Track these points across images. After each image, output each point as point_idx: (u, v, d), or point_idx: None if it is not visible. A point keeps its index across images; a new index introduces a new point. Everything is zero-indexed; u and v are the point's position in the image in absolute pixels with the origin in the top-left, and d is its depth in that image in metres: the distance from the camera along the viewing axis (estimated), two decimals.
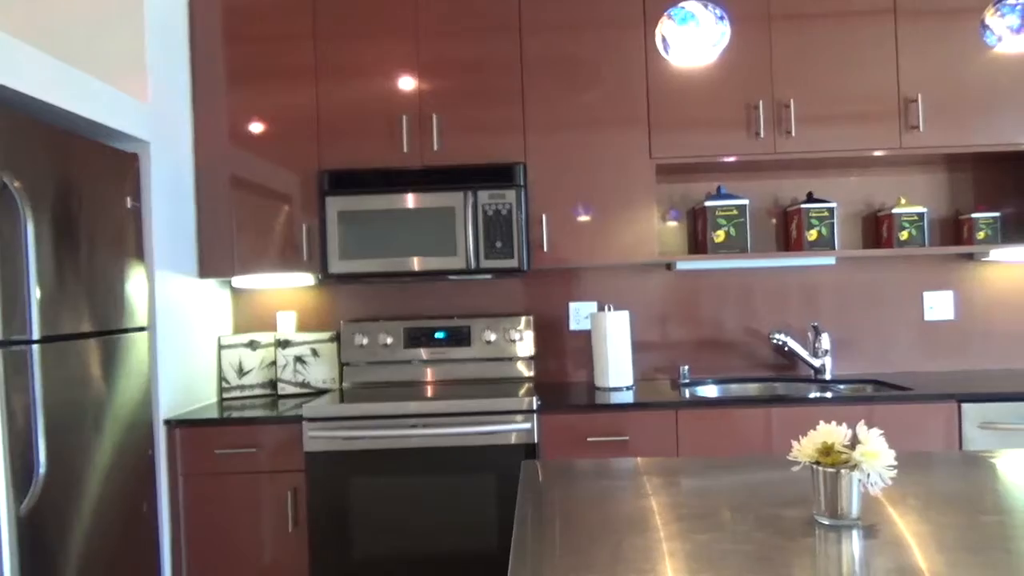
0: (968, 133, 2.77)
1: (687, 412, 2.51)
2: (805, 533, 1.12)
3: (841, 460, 1.10)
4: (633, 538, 1.14)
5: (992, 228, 2.92)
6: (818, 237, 2.92)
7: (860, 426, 1.13)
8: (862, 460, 1.09)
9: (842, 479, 1.11)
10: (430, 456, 2.48)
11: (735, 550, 1.07)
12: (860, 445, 1.10)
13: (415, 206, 2.74)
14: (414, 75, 2.82)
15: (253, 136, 2.84)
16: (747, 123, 2.79)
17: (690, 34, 1.37)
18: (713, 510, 1.26)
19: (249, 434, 2.52)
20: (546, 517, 1.26)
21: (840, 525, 1.14)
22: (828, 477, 1.12)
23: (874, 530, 1.13)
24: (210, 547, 2.52)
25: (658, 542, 1.12)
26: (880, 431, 1.13)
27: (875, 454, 1.09)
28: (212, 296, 2.97)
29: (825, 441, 1.12)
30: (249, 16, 2.84)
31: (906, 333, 3.09)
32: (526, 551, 1.10)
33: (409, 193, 2.74)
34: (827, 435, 1.13)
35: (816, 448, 1.12)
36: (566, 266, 2.84)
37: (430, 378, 3.04)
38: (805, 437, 1.16)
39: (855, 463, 1.09)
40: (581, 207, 2.81)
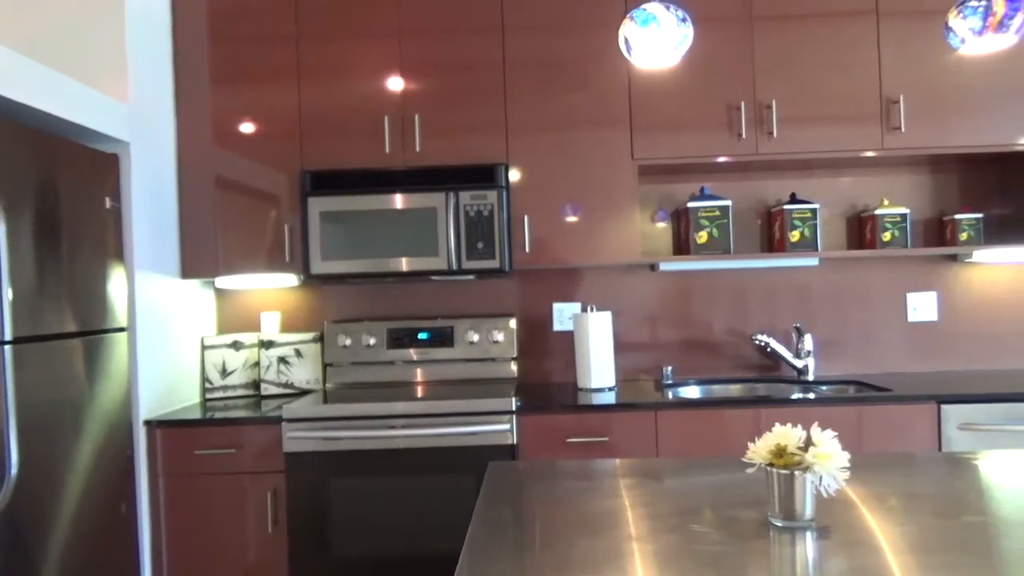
0: (950, 134, 2.77)
1: (666, 413, 2.51)
2: (759, 535, 1.12)
3: (794, 462, 1.10)
4: (588, 539, 1.14)
5: (975, 229, 2.93)
6: (801, 238, 2.92)
7: (814, 428, 1.13)
8: (814, 462, 1.09)
9: (795, 481, 1.11)
10: (409, 457, 2.48)
11: (688, 552, 1.07)
12: (812, 447, 1.10)
13: (397, 207, 2.74)
14: (397, 76, 2.82)
15: (236, 136, 2.84)
16: (729, 124, 2.80)
17: (652, 36, 1.37)
18: (671, 511, 1.26)
19: (229, 435, 2.52)
20: (504, 518, 1.26)
21: (794, 527, 1.14)
22: (782, 479, 1.12)
23: (828, 531, 1.13)
24: (190, 547, 2.52)
25: (612, 544, 1.12)
26: (834, 433, 1.13)
27: (828, 456, 1.09)
28: (195, 297, 2.97)
29: (778, 443, 1.12)
30: (232, 17, 2.84)
31: (890, 334, 3.09)
32: (477, 552, 1.10)
33: (391, 194, 2.75)
34: (781, 437, 1.13)
35: (770, 450, 1.12)
36: (548, 267, 2.84)
37: (413, 379, 3.04)
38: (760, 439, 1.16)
39: (808, 465, 1.09)
40: (563, 208, 2.81)
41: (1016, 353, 3.06)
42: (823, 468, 1.09)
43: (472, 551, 1.11)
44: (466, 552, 1.09)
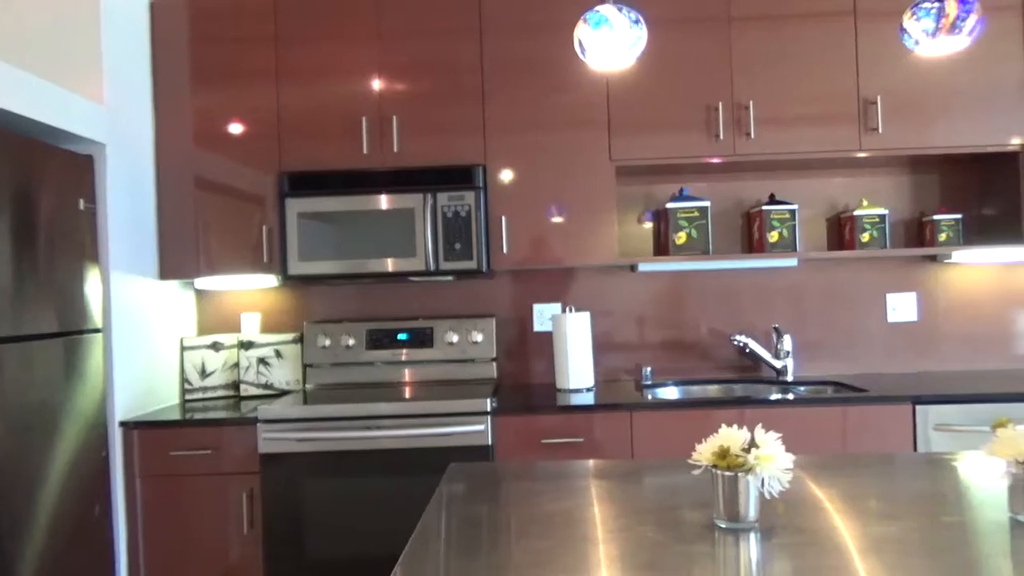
0: (927, 135, 2.77)
1: (641, 414, 2.51)
2: (702, 536, 1.12)
3: (738, 464, 1.10)
4: (534, 541, 1.14)
5: (954, 230, 2.93)
6: (779, 239, 2.92)
7: (757, 430, 1.13)
8: (756, 464, 1.09)
9: (739, 482, 1.11)
10: (384, 458, 2.48)
11: (631, 553, 1.07)
12: (755, 449, 1.10)
13: (374, 208, 2.75)
14: (374, 77, 2.83)
15: (214, 138, 2.84)
16: (707, 125, 2.80)
17: (604, 38, 1.37)
18: (620, 513, 1.26)
19: (204, 436, 2.52)
20: (453, 520, 1.27)
21: (737, 528, 1.14)
22: (726, 480, 1.12)
23: (771, 533, 1.13)
24: (166, 549, 2.52)
25: (557, 545, 1.12)
26: (777, 435, 1.13)
27: (770, 457, 1.09)
28: (174, 298, 2.97)
29: (722, 445, 1.12)
30: (210, 18, 2.85)
31: (870, 334, 3.09)
32: (417, 555, 1.10)
33: (368, 195, 2.75)
34: (725, 439, 1.13)
35: (713, 452, 1.12)
36: (525, 268, 2.84)
37: (393, 380, 3.04)
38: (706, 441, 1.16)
39: (750, 467, 1.09)
40: (541, 209, 2.81)
41: (995, 353, 3.06)
42: (765, 470, 1.09)
43: (413, 553, 1.11)
44: (405, 556, 1.09)
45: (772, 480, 1.11)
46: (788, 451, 1.11)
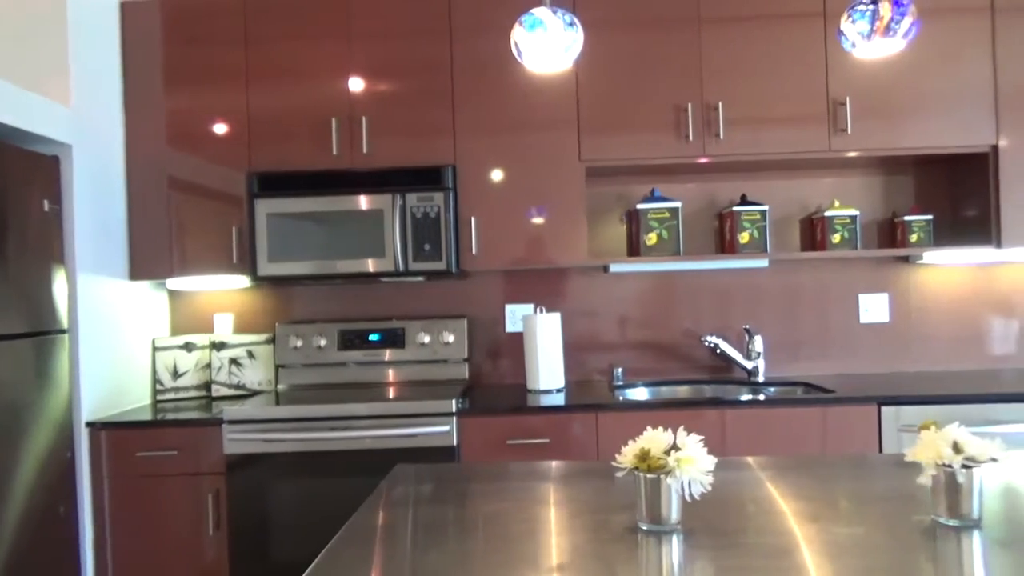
0: (897, 136, 2.77)
1: (607, 415, 2.51)
2: (622, 538, 1.13)
3: (659, 466, 1.11)
4: (451, 543, 1.14)
5: (925, 231, 2.93)
6: (750, 240, 2.92)
7: (680, 432, 1.14)
8: (676, 466, 1.09)
9: (660, 485, 1.11)
10: (350, 459, 2.49)
11: (543, 555, 1.08)
12: (675, 451, 1.11)
13: (343, 208, 2.75)
14: (344, 78, 2.83)
15: (185, 138, 2.84)
16: (676, 126, 2.80)
17: (539, 40, 1.37)
18: (549, 515, 1.26)
19: (171, 437, 2.52)
20: (380, 523, 1.27)
21: (660, 531, 1.14)
22: (648, 483, 1.13)
23: (693, 534, 1.13)
24: (133, 549, 2.53)
25: (476, 548, 1.12)
26: (700, 437, 1.13)
27: (690, 460, 1.09)
28: (146, 299, 2.97)
29: (643, 447, 1.12)
30: (181, 19, 2.85)
31: (842, 335, 3.09)
32: (334, 557, 1.10)
33: (337, 196, 2.75)
34: (649, 441, 1.13)
35: (635, 454, 1.13)
36: (495, 268, 2.84)
37: (365, 380, 3.05)
38: (631, 443, 1.16)
39: (670, 469, 1.10)
40: (510, 210, 2.81)
41: (967, 354, 3.06)
42: (684, 472, 1.09)
43: (331, 556, 1.11)
44: (321, 559, 1.09)
45: (694, 482, 1.11)
46: (752, 452, 1.11)
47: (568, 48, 1.39)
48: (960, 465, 1.09)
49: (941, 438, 1.11)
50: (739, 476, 1.48)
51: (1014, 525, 1.14)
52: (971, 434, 1.12)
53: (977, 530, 1.11)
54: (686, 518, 1.20)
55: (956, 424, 1.13)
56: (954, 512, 1.12)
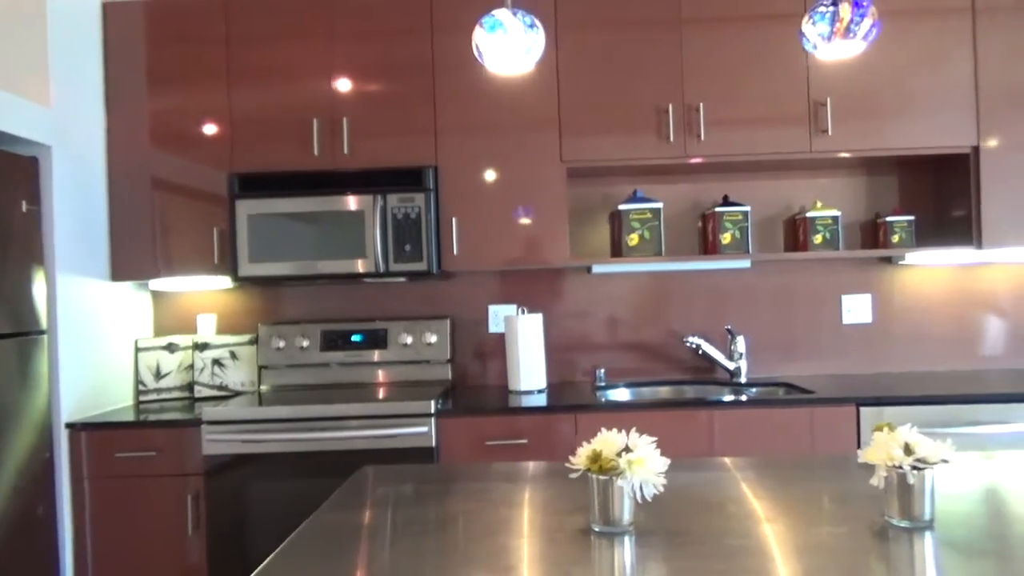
0: (878, 137, 2.77)
1: (586, 416, 2.51)
2: (574, 540, 1.13)
3: (610, 468, 1.11)
4: (404, 545, 1.14)
5: (906, 232, 2.92)
6: (732, 240, 2.92)
7: (632, 433, 1.14)
8: (627, 468, 1.09)
9: (611, 486, 1.11)
10: (329, 460, 2.49)
11: (492, 556, 1.08)
12: (626, 453, 1.11)
13: (324, 209, 2.75)
14: (326, 78, 2.83)
15: (167, 139, 2.85)
16: (657, 127, 2.80)
17: (499, 42, 1.37)
18: (504, 517, 1.26)
19: (150, 438, 2.52)
20: (335, 524, 1.27)
21: (611, 532, 1.14)
22: (600, 484, 1.13)
23: (647, 536, 1.13)
24: (113, 550, 2.53)
25: (428, 549, 1.12)
26: (652, 439, 1.13)
27: (641, 461, 1.09)
28: (128, 299, 2.97)
29: (595, 449, 1.12)
30: (163, 19, 2.85)
31: (825, 336, 3.09)
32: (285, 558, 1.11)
33: (318, 196, 2.75)
34: (602, 443, 1.14)
35: (587, 456, 1.13)
36: (476, 269, 2.84)
37: (347, 381, 3.05)
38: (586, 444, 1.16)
39: (621, 471, 1.10)
40: (492, 210, 2.81)
41: (950, 355, 3.06)
42: (635, 473, 1.09)
43: (277, 559, 1.11)
44: (271, 561, 1.09)
45: (646, 484, 1.11)
46: (731, 452, 1.11)
47: (529, 50, 1.39)
48: (910, 467, 1.09)
49: (893, 440, 1.11)
50: (706, 476, 1.49)
51: (967, 527, 1.14)
52: (923, 436, 1.12)
53: (929, 531, 1.11)
54: (645, 519, 1.20)
55: (908, 426, 1.13)
56: (906, 513, 1.12)
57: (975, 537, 1.09)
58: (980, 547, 1.05)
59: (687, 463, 1.61)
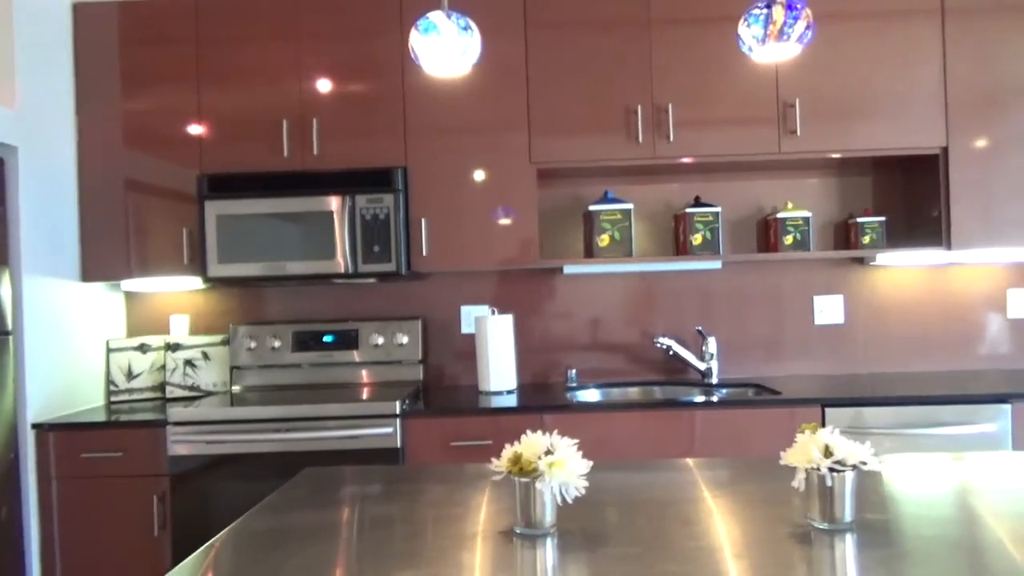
0: (846, 138, 2.77)
1: (551, 416, 2.51)
2: (496, 542, 1.13)
3: (531, 470, 1.11)
4: (319, 548, 1.14)
5: (877, 232, 2.92)
6: (703, 241, 2.92)
7: (554, 435, 1.14)
8: (546, 470, 1.09)
9: (532, 488, 1.12)
10: (294, 460, 2.49)
11: (412, 557, 1.08)
12: (547, 455, 1.11)
13: (293, 210, 2.75)
14: (295, 79, 2.83)
15: (137, 139, 2.85)
16: (626, 127, 2.80)
17: (433, 44, 1.38)
18: (432, 518, 1.26)
19: (117, 438, 2.53)
20: (257, 528, 1.27)
21: (533, 534, 1.14)
22: (521, 487, 1.13)
23: (569, 537, 1.13)
24: (80, 551, 2.53)
25: (340, 551, 1.12)
26: (574, 441, 1.14)
27: (561, 463, 1.10)
28: (100, 300, 2.98)
29: (516, 451, 1.12)
30: (133, 20, 2.85)
31: (797, 337, 3.09)
32: (199, 559, 1.11)
33: (287, 197, 2.75)
34: (525, 445, 1.14)
35: (509, 458, 1.13)
36: (445, 270, 2.85)
37: (319, 381, 3.05)
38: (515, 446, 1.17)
39: (541, 473, 1.10)
40: (461, 210, 2.81)
41: (921, 356, 3.06)
42: (554, 475, 1.10)
43: (192, 561, 1.11)
44: (187, 563, 1.10)
45: (567, 486, 1.11)
46: (694, 453, 1.11)
47: (464, 52, 1.39)
48: (828, 469, 1.09)
49: (813, 441, 1.11)
50: (649, 477, 1.49)
51: (889, 529, 1.14)
52: (844, 438, 1.12)
53: (849, 533, 1.12)
54: (571, 520, 1.20)
55: (831, 428, 1.13)
56: (826, 515, 1.12)
57: (898, 539, 1.09)
58: (898, 550, 1.05)
59: (636, 464, 1.61)
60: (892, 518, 1.19)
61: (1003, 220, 2.74)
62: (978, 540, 1.09)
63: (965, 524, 1.16)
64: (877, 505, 1.27)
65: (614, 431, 2.50)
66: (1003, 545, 1.07)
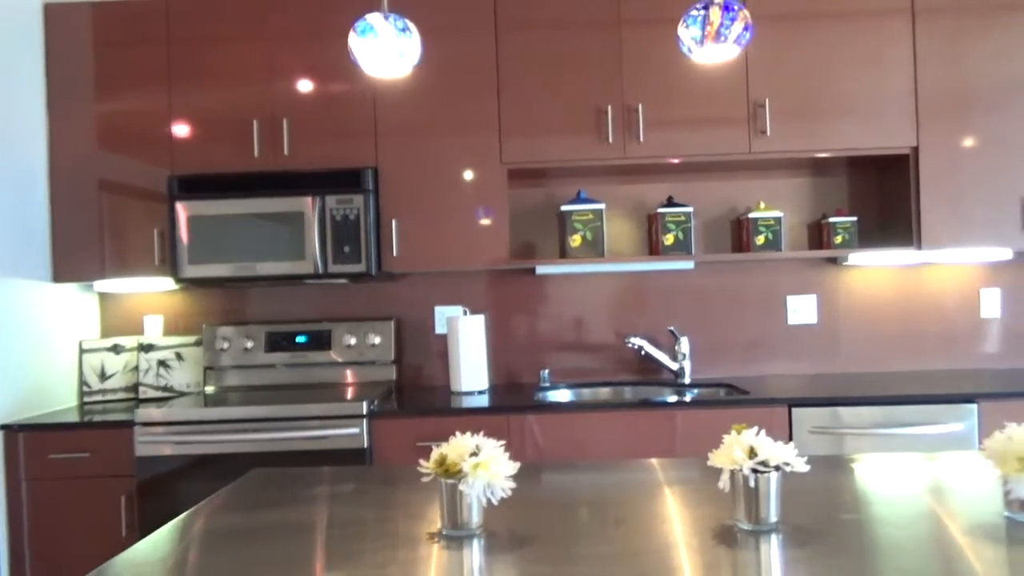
0: (817, 138, 2.77)
1: (518, 417, 2.51)
2: (421, 544, 1.13)
3: (456, 471, 1.11)
4: (241, 551, 1.15)
5: (849, 232, 2.92)
6: (675, 241, 2.92)
7: (479, 437, 1.14)
8: (471, 472, 1.09)
9: (455, 490, 1.12)
10: (261, 461, 2.49)
11: (334, 562, 1.08)
12: (471, 457, 1.11)
13: (264, 211, 2.75)
14: (266, 80, 2.83)
15: (109, 140, 2.85)
16: (597, 128, 2.80)
17: (371, 46, 1.38)
18: (360, 519, 1.27)
19: (85, 439, 2.53)
20: (193, 527, 1.27)
21: (459, 535, 1.14)
22: (447, 488, 1.13)
23: (494, 538, 1.13)
24: (50, 550, 2.53)
25: (262, 554, 1.13)
26: (500, 443, 1.14)
27: (485, 465, 1.10)
28: (72, 301, 2.98)
29: (442, 452, 1.13)
30: (104, 20, 2.85)
31: (771, 337, 3.09)
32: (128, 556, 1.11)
33: (257, 198, 2.75)
34: (454, 447, 1.14)
35: (435, 460, 1.13)
36: (416, 270, 2.85)
37: (292, 382, 3.05)
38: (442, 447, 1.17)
39: (465, 475, 1.10)
40: (431, 211, 2.81)
41: (894, 355, 3.06)
42: (480, 478, 1.10)
43: (130, 555, 1.12)
44: (123, 555, 1.10)
45: (494, 488, 1.11)
46: (662, 454, 1.11)
47: (403, 54, 1.40)
48: (751, 470, 1.09)
49: (737, 442, 1.11)
50: (596, 478, 1.49)
51: (814, 531, 1.14)
52: (768, 439, 1.12)
53: (774, 534, 1.12)
54: (501, 522, 1.20)
55: (755, 429, 1.14)
56: (751, 516, 1.12)
57: (821, 540, 1.09)
58: (817, 550, 1.05)
59: (591, 464, 1.61)
60: (815, 520, 1.19)
61: (973, 220, 2.74)
62: (904, 541, 1.09)
63: (897, 526, 1.16)
64: (850, 505, 1.27)
65: (581, 431, 2.50)
66: (925, 544, 1.07)
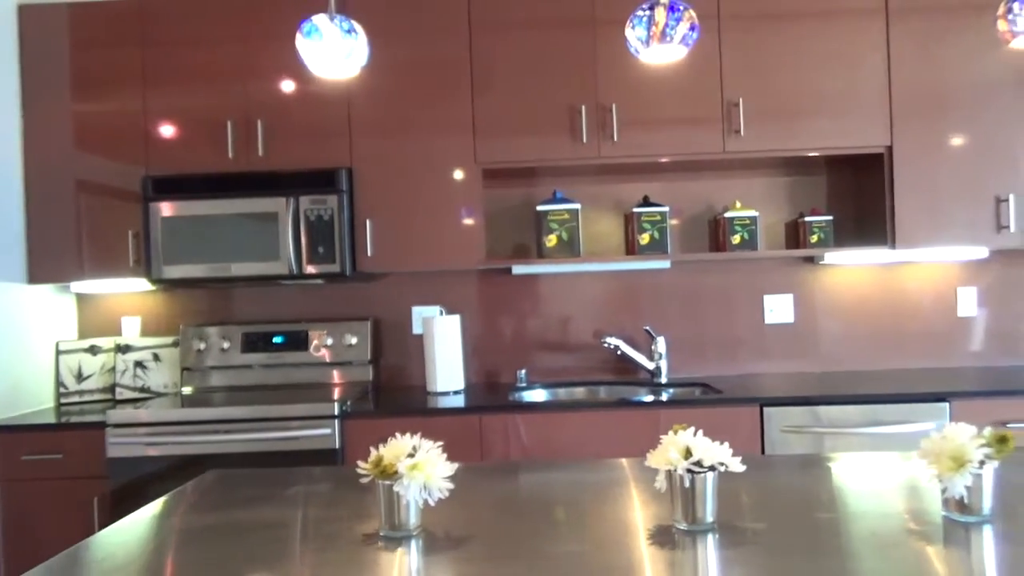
0: (791, 137, 2.77)
1: (490, 417, 2.51)
2: (358, 545, 1.13)
3: (392, 472, 1.11)
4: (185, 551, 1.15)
5: (825, 231, 2.92)
6: (650, 241, 2.92)
7: (416, 438, 1.14)
8: (407, 473, 1.09)
9: (392, 491, 1.12)
10: (233, 462, 2.49)
11: (269, 564, 1.08)
12: (408, 458, 1.11)
13: (238, 211, 2.75)
14: (240, 80, 2.83)
15: (84, 141, 2.85)
16: (571, 127, 2.80)
17: (316, 47, 1.38)
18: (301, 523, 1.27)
19: (57, 440, 2.53)
20: (128, 529, 1.27)
21: (396, 536, 1.15)
22: (384, 489, 1.13)
23: (430, 540, 1.13)
24: (23, 552, 2.53)
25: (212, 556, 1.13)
26: (437, 444, 1.14)
27: (422, 466, 1.10)
28: (48, 302, 2.98)
29: (379, 454, 1.13)
30: (79, 22, 2.85)
31: (748, 336, 3.09)
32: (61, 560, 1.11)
33: (232, 199, 2.75)
34: (392, 448, 1.14)
35: (372, 461, 1.13)
36: (391, 270, 2.85)
37: (268, 382, 3.05)
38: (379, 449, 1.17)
39: (401, 476, 1.10)
40: (406, 211, 2.81)
41: (871, 354, 3.06)
42: (415, 479, 1.10)
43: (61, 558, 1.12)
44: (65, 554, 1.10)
45: (431, 489, 1.12)
46: (631, 453, 1.12)
47: (350, 55, 1.40)
48: (686, 470, 1.09)
49: (673, 443, 1.11)
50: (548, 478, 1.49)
51: (751, 531, 1.14)
52: (706, 439, 1.12)
53: (711, 534, 1.12)
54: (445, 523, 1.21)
55: (692, 429, 1.14)
56: (688, 516, 1.12)
57: (757, 540, 1.09)
58: (755, 550, 1.06)
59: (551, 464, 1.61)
60: (748, 519, 1.20)
61: (947, 219, 2.74)
62: (840, 540, 1.09)
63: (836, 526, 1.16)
64: (796, 505, 1.27)
65: (555, 431, 2.50)
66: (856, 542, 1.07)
